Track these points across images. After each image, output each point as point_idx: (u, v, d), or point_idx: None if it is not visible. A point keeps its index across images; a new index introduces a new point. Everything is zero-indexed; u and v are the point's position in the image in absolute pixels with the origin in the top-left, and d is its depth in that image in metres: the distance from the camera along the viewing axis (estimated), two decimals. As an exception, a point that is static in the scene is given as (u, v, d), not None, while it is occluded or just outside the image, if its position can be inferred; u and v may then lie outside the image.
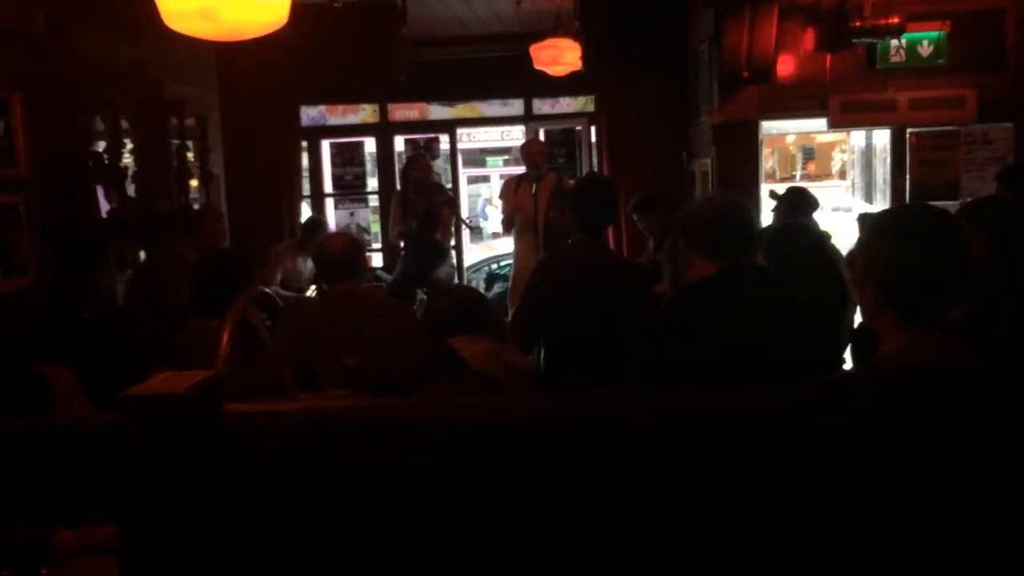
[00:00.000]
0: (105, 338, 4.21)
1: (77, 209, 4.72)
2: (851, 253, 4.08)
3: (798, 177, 20.00)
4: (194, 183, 5.95)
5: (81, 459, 1.10)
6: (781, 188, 5.31)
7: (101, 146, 5.01)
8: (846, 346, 3.76)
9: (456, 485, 1.19)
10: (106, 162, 4.88)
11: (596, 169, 8.41)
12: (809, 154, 20.89)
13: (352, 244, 3.80)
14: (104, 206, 5.02)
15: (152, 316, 4.19)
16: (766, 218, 5.67)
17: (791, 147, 20.43)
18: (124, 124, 5.14)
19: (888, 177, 6.96)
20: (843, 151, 18.26)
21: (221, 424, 1.09)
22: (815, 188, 10.66)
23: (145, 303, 4.52)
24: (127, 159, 5.16)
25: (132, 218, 4.94)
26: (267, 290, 3.68)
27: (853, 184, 12.51)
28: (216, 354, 2.96)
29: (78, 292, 4.59)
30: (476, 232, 14.36)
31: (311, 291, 6.48)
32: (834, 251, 4.45)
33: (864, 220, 3.43)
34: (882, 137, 9.47)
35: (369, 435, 1.17)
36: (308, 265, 6.36)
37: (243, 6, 2.25)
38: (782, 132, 10.65)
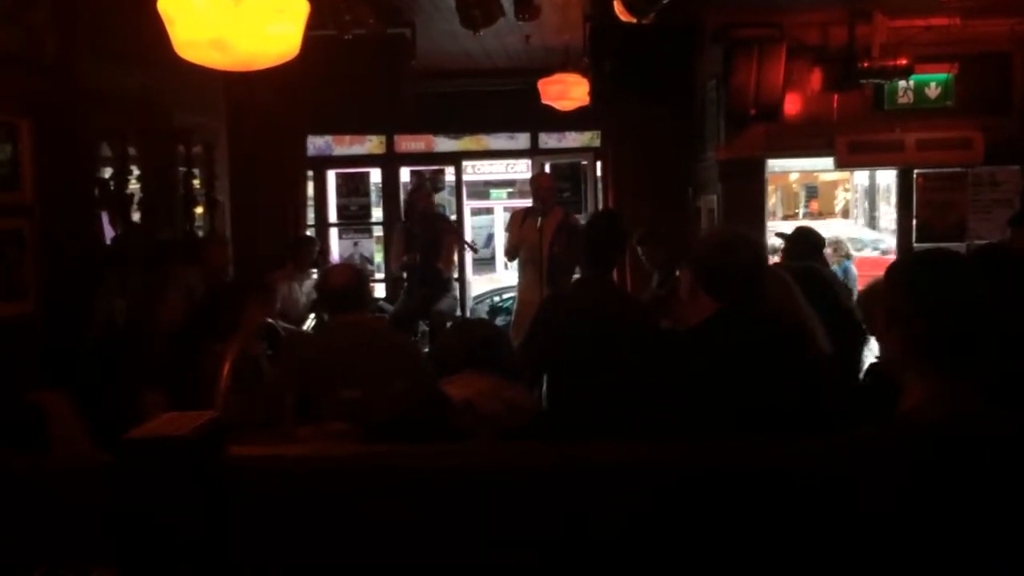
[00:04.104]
0: (103, 365, 4.17)
1: (81, 235, 4.68)
2: (863, 294, 4.01)
3: (800, 215, 20.04)
4: (199, 210, 5.95)
5: (81, 501, 1.06)
6: (786, 227, 5.29)
7: (108, 172, 5.00)
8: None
9: (469, 536, 1.14)
10: (112, 188, 4.86)
11: (601, 203, 8.40)
12: (812, 192, 20.96)
13: (356, 275, 3.77)
14: (109, 232, 5.00)
15: (151, 341, 4.16)
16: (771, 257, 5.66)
17: (794, 185, 20.50)
18: (131, 151, 5.14)
19: (892, 216, 6.96)
20: (846, 190, 18.33)
21: (225, 467, 1.05)
22: (818, 226, 10.66)
23: (144, 328, 4.49)
24: (134, 186, 5.16)
25: (136, 245, 4.91)
26: (269, 320, 3.66)
27: (856, 223, 12.56)
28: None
29: (78, 318, 4.55)
30: (488, 262, 14.26)
31: (310, 319, 6.42)
32: (844, 293, 4.39)
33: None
34: (886, 177, 9.49)
35: (379, 481, 1.12)
36: (304, 291, 6.32)
37: (256, 37, 2.24)
38: (785, 170, 10.72)
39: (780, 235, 5.21)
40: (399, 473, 1.17)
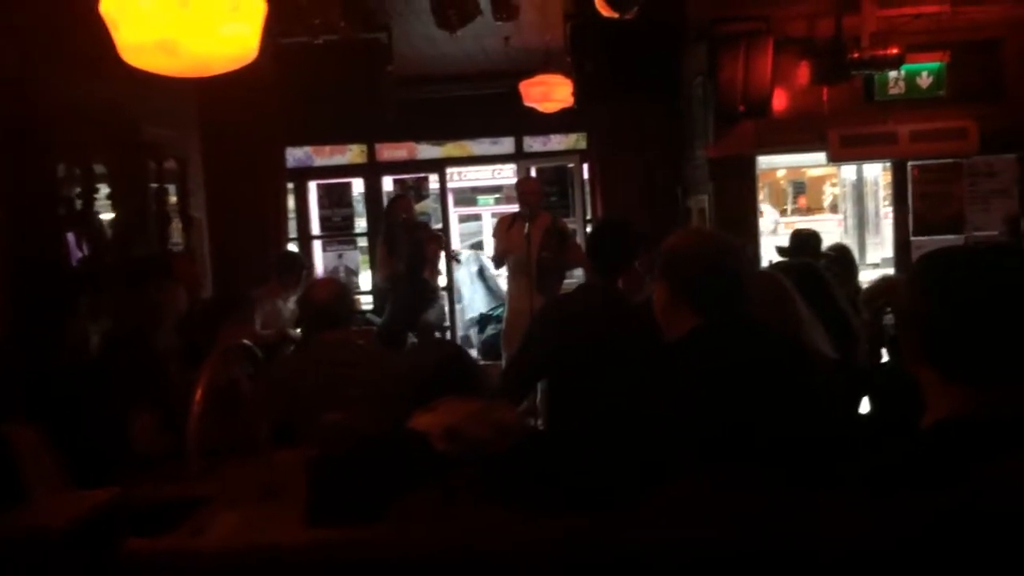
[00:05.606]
0: (81, 391, 3.99)
1: (47, 258, 4.49)
2: (866, 294, 3.83)
3: (789, 211, 19.92)
4: (175, 227, 5.75)
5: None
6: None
7: (76, 191, 4.81)
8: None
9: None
10: (78, 208, 4.67)
11: (589, 207, 8.26)
12: (800, 188, 20.82)
13: (339, 291, 3.61)
14: (77, 254, 4.81)
15: (140, 364, 3.99)
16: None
17: (782, 181, 20.36)
18: (99, 168, 4.94)
19: (880, 210, 6.83)
20: (834, 185, 18.21)
21: (117, 567, 0.86)
22: (808, 222, 10.57)
23: (132, 351, 4.32)
24: (103, 204, 4.96)
25: (106, 266, 4.72)
26: (246, 342, 3.48)
27: (845, 217, 12.44)
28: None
29: (48, 345, 4.35)
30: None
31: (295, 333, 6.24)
32: (841, 294, 4.21)
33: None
34: (873, 170, 9.37)
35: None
36: (289, 307, 6.13)
37: (208, 39, 2.06)
38: (772, 167, 10.59)
39: (779, 249, 5.12)
40: (331, 568, 0.98)
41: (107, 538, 0.87)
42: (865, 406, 3.47)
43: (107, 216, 4.96)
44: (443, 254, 7.34)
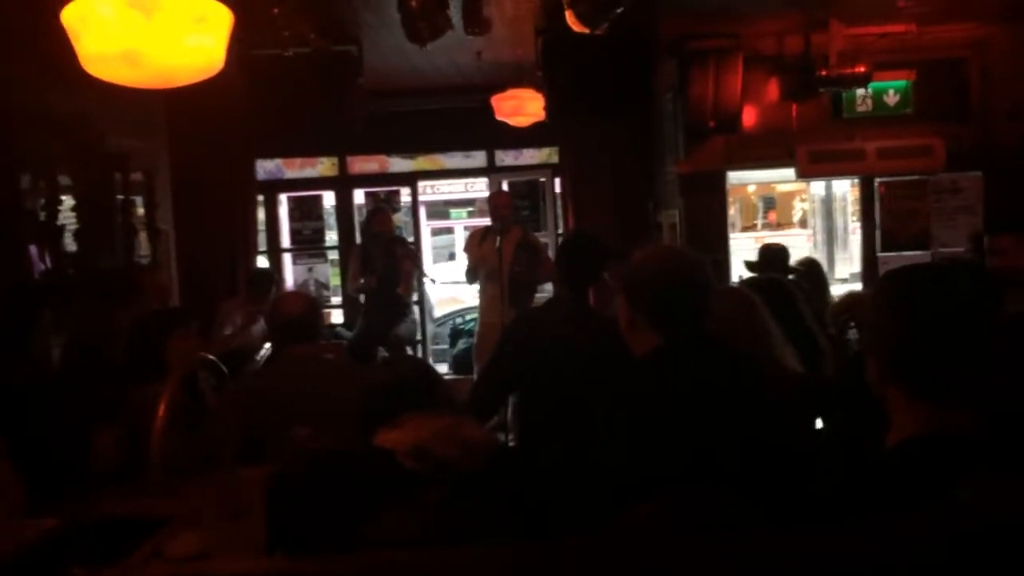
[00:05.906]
0: (40, 405, 3.92)
1: (8, 271, 4.40)
2: (835, 308, 3.86)
3: (759, 226, 20.11)
4: (142, 240, 5.67)
5: None
6: (743, 239, 5.28)
7: (40, 202, 4.72)
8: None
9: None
10: (41, 219, 4.58)
11: (561, 221, 8.27)
12: (770, 203, 21.03)
13: (309, 304, 3.58)
14: (40, 266, 4.72)
15: (101, 380, 3.92)
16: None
17: (752, 196, 20.56)
18: (64, 179, 4.86)
19: (849, 226, 6.89)
20: (803, 200, 18.42)
21: None
22: (777, 237, 10.70)
23: (95, 366, 4.25)
24: (68, 216, 4.88)
25: (69, 279, 4.64)
26: (211, 356, 3.43)
27: (815, 233, 12.57)
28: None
29: (9, 358, 4.27)
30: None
31: (264, 349, 6.17)
32: (808, 310, 4.23)
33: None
34: (842, 186, 9.49)
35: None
36: (260, 323, 6.07)
37: (172, 50, 2.03)
38: (743, 182, 10.69)
39: (748, 264, 5.15)
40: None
41: (53, 567, 0.83)
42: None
43: (72, 228, 4.87)
44: (417, 272, 7.33)
